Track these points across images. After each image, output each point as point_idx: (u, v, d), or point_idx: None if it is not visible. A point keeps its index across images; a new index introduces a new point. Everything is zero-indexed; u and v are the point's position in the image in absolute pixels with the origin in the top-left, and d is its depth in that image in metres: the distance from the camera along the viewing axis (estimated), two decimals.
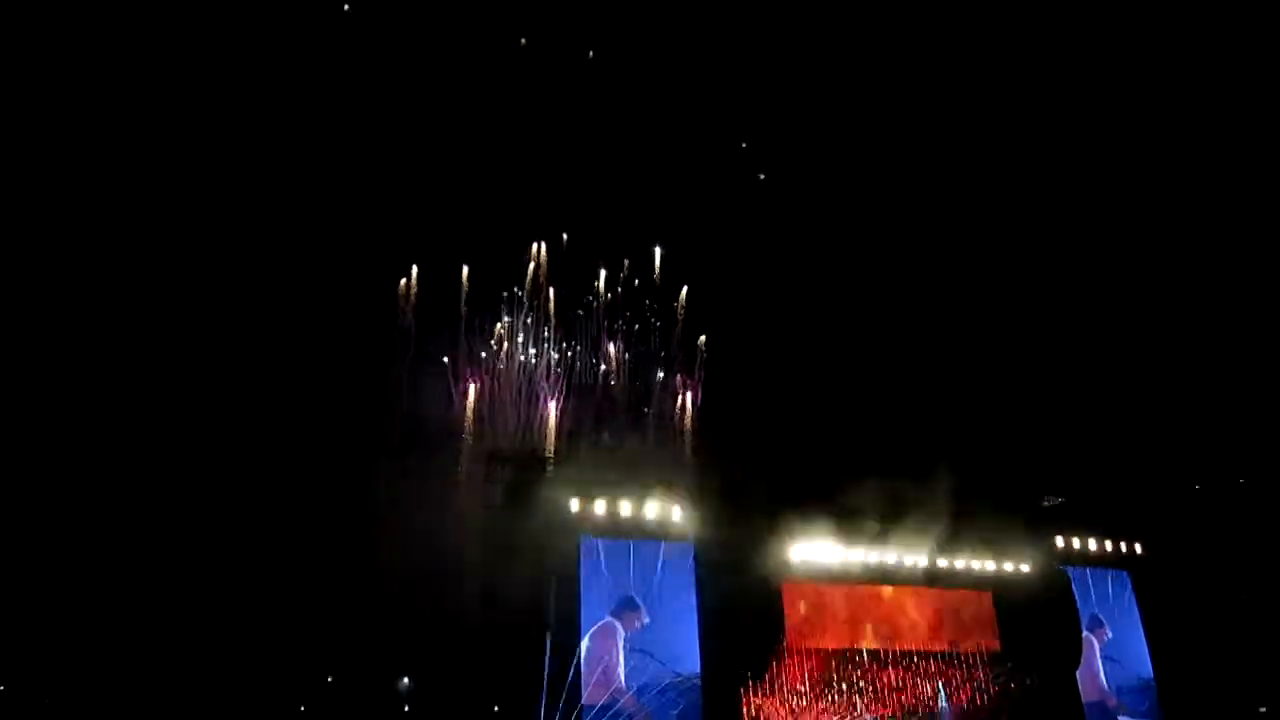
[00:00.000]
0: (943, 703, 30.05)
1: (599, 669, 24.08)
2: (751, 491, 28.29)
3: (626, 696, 24.09)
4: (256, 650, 23.92)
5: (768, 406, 27.22)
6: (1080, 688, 31.50)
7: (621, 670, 24.56)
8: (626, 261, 35.12)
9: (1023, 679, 31.00)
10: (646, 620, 25.23)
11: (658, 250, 34.90)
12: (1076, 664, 32.13)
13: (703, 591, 26.59)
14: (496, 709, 24.77)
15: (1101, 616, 33.17)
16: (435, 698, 25.88)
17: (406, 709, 26.21)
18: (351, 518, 24.09)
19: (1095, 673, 32.31)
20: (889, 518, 29.85)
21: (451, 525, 24.69)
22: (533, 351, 37.56)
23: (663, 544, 26.61)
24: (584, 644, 24.44)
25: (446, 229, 29.65)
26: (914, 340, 27.70)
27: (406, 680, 26.66)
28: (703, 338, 34.42)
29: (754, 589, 27.59)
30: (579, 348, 37.51)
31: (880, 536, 30.12)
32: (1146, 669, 32.82)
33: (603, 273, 36.21)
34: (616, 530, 26.16)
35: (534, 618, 24.18)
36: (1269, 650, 32.58)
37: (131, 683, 22.28)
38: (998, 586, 32.06)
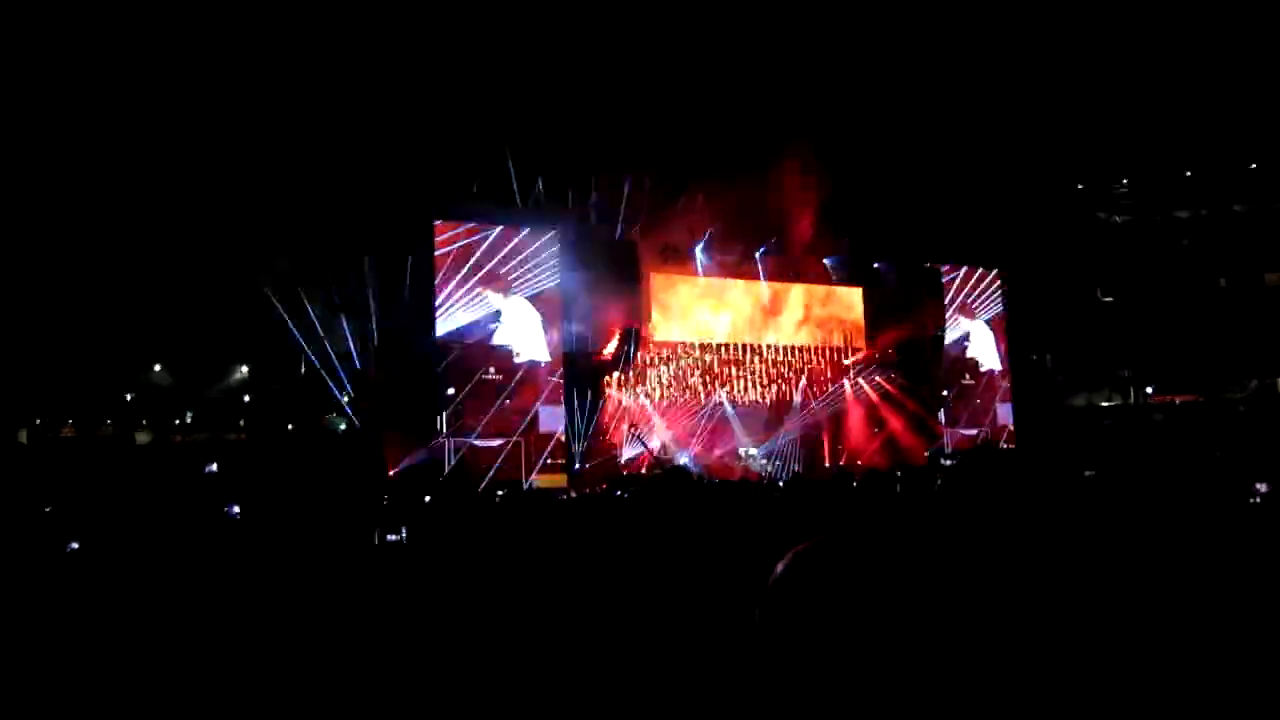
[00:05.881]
0: (796, 396, 30.20)
1: None
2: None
3: None
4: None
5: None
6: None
7: None
8: None
9: (886, 374, 31.41)
10: None
11: None
12: (939, 363, 32.64)
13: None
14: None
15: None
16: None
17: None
18: None
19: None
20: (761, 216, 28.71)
21: None
22: None
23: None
24: None
25: None
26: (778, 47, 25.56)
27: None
28: None
29: (618, 277, 26.49)
30: None
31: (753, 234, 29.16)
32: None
33: None
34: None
35: None
36: None
37: None
38: (868, 283, 31.83)
